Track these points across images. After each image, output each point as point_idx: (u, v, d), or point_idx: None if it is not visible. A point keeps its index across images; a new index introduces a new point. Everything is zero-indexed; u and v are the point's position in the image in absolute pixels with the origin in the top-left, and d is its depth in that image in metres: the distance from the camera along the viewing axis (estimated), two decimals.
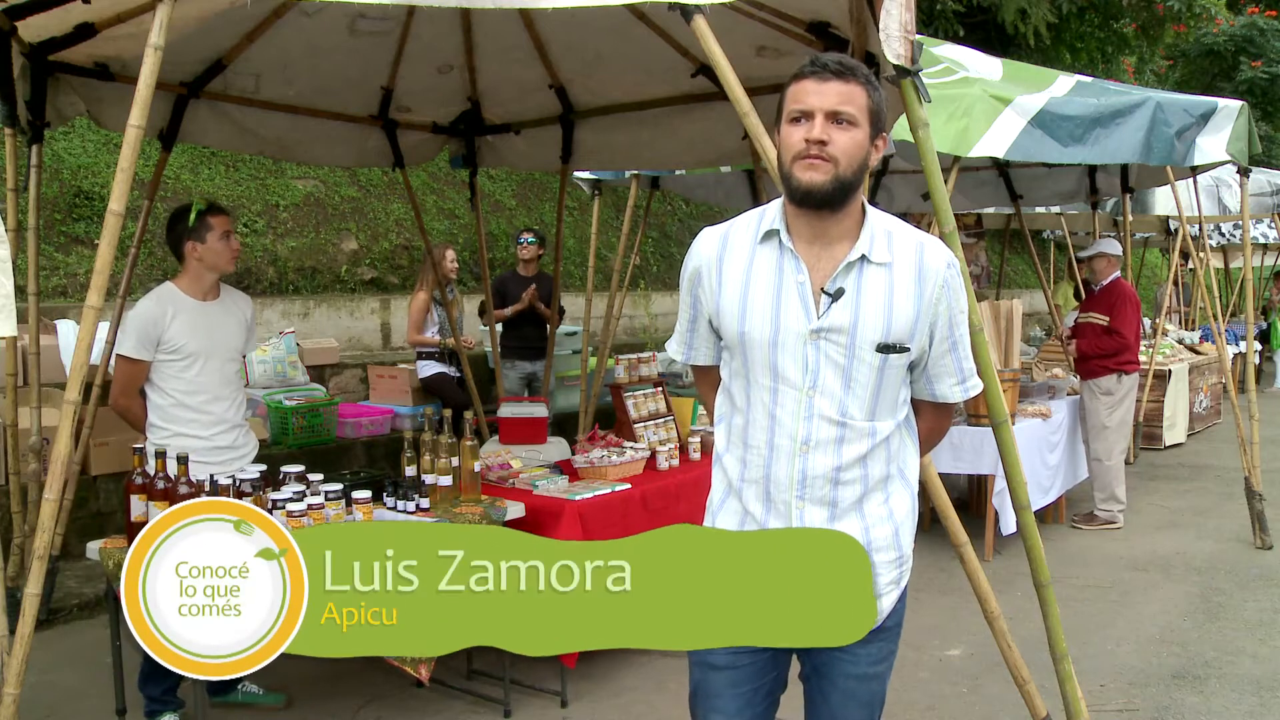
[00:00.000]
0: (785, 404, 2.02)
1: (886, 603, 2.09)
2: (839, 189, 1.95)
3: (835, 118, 1.94)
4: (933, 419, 2.20)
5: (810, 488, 2.03)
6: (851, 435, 2.02)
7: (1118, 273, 6.76)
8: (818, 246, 2.02)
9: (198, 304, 3.71)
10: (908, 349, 2.01)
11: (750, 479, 2.08)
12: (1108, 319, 6.55)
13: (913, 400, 2.16)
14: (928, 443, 2.23)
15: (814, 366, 1.99)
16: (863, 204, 2.05)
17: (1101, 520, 6.57)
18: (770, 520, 2.06)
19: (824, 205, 1.97)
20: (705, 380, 2.29)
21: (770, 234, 2.04)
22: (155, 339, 3.59)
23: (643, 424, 4.86)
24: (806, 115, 1.95)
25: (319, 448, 6.47)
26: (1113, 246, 6.71)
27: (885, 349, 1.99)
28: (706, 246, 2.11)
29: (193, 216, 3.68)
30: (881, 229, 2.03)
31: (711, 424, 2.24)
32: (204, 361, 3.67)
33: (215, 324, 3.73)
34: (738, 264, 2.06)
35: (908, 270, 2.01)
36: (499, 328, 7.06)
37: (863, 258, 2.00)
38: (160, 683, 3.67)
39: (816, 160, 1.93)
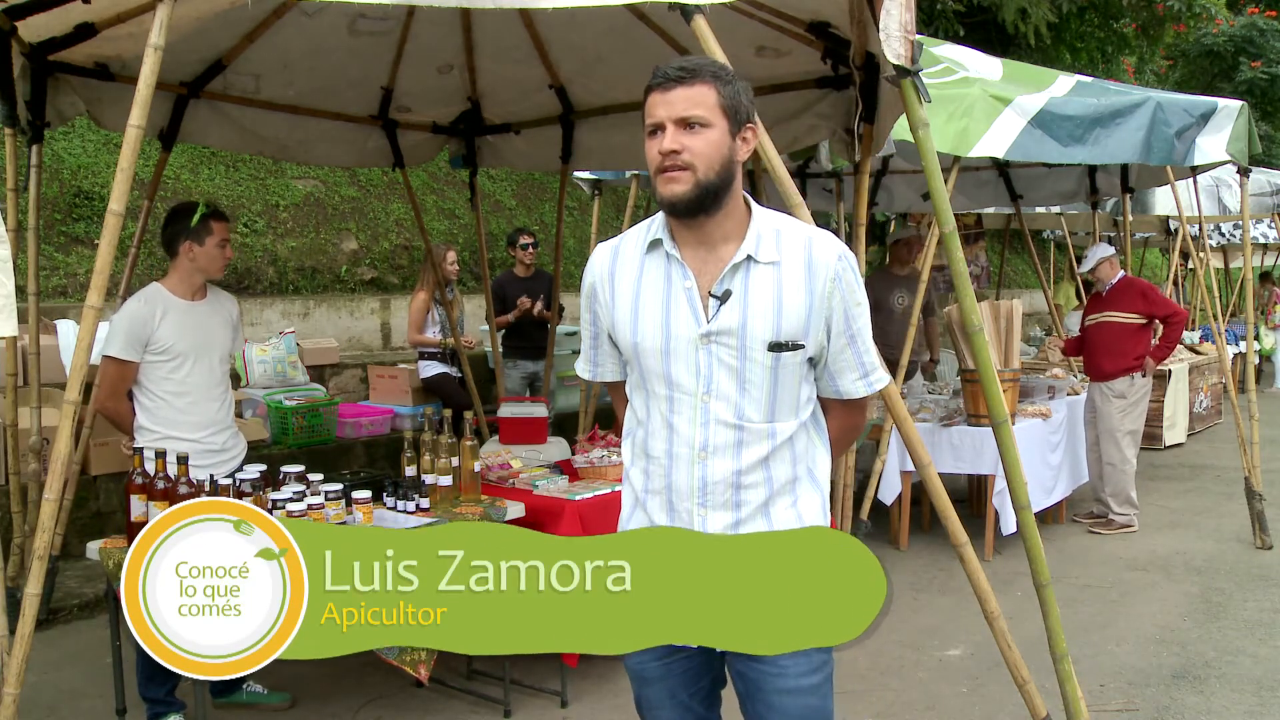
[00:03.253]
0: (681, 411, 2.00)
1: None
2: (702, 194, 1.93)
3: (685, 124, 1.93)
4: (843, 417, 2.17)
5: (711, 494, 2.01)
6: (750, 438, 2.00)
7: (1122, 271, 6.74)
8: (703, 251, 2.00)
9: (186, 304, 3.68)
10: (801, 346, 1.99)
11: (653, 490, 2.06)
12: (1137, 315, 6.45)
13: (822, 400, 2.13)
14: (841, 442, 2.20)
15: (706, 371, 1.98)
16: (746, 202, 2.04)
17: (1119, 525, 6.57)
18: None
19: (694, 213, 1.96)
20: (617, 396, 2.27)
21: (655, 244, 2.03)
22: (144, 339, 3.56)
23: None
24: (659, 128, 1.95)
25: (319, 448, 6.47)
26: (1106, 249, 6.69)
27: (777, 347, 1.97)
28: (599, 262, 2.11)
29: (196, 218, 3.65)
30: (769, 228, 2.02)
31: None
32: (193, 362, 3.64)
33: (204, 324, 3.71)
34: (628, 276, 2.05)
35: (797, 267, 1.99)
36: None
37: (748, 258, 1.98)
38: (161, 684, 3.66)
39: (674, 172, 1.93)
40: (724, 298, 1.97)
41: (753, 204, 2.05)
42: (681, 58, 2.01)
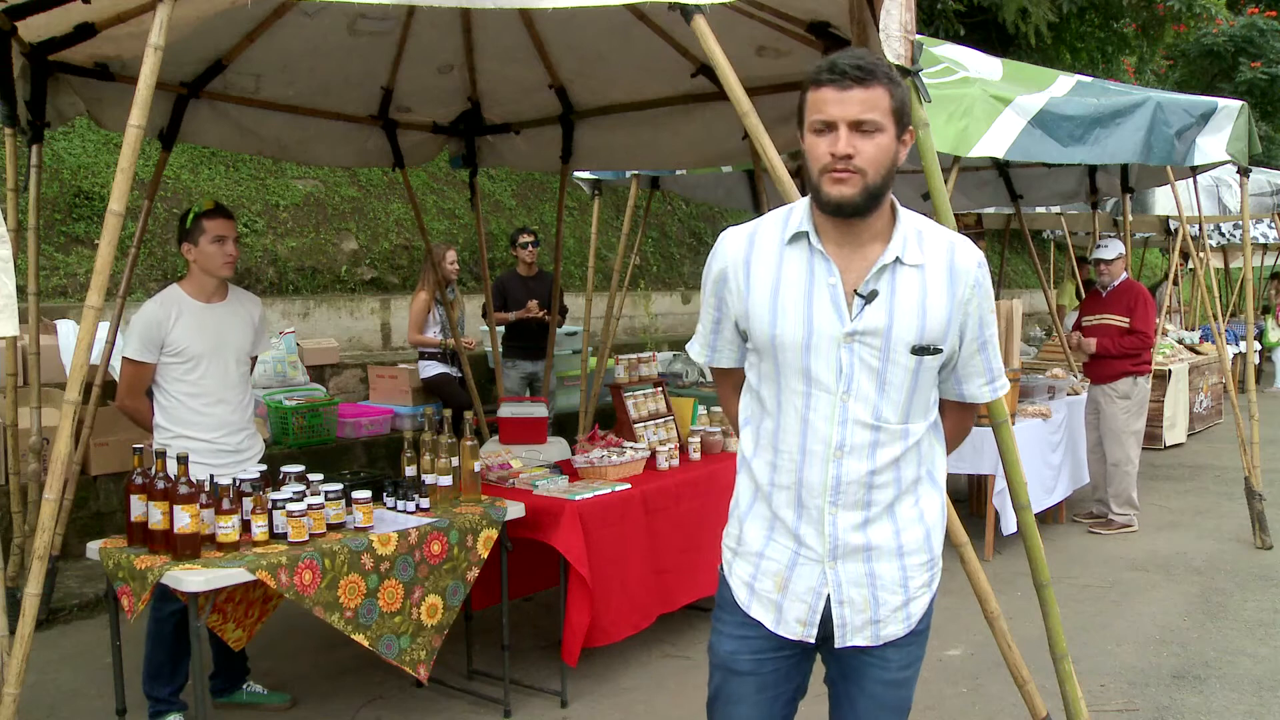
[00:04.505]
0: (818, 408, 1.98)
1: (918, 607, 2.08)
2: (869, 199, 1.92)
3: (859, 126, 1.89)
4: (957, 419, 2.18)
5: (844, 493, 1.99)
6: (886, 439, 1.99)
7: (1127, 273, 6.75)
8: (848, 249, 1.98)
9: (202, 306, 3.69)
10: (940, 350, 1.98)
11: (781, 484, 2.04)
12: (1127, 320, 6.50)
13: (940, 401, 2.13)
14: (953, 443, 2.21)
15: (848, 370, 1.96)
16: (892, 204, 2.02)
17: (1119, 525, 6.58)
18: (801, 526, 2.02)
19: (855, 215, 1.94)
20: (727, 382, 2.25)
21: (799, 236, 2.00)
22: (159, 341, 3.59)
23: (643, 424, 4.86)
24: (829, 126, 1.90)
25: (319, 448, 6.47)
26: (1121, 246, 6.71)
27: (920, 351, 1.96)
28: (733, 248, 2.07)
29: (189, 218, 3.67)
30: (913, 230, 2.00)
31: (732, 427, 2.20)
32: (208, 363, 3.66)
33: (220, 326, 3.71)
34: (766, 266, 2.02)
35: (940, 271, 1.98)
36: (500, 328, 7.06)
37: (896, 260, 1.97)
38: (165, 684, 3.67)
39: (844, 174, 1.89)
40: (870, 298, 1.95)
41: (897, 204, 2.03)
42: (854, 54, 1.93)
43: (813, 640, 2.06)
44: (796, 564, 2.04)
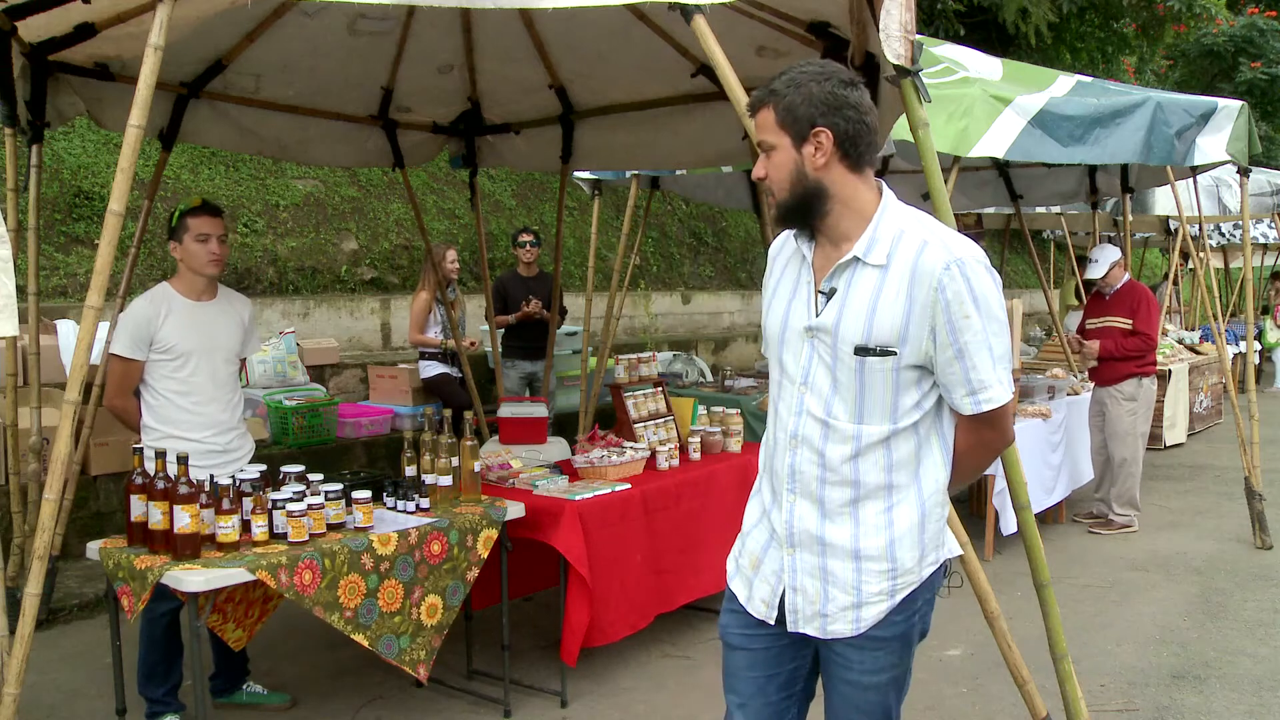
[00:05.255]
0: (785, 398, 2.09)
1: (870, 613, 2.04)
2: (786, 212, 2.05)
3: (762, 149, 2.05)
4: (969, 431, 2.06)
5: (798, 482, 2.07)
6: (835, 436, 2.02)
7: (1128, 274, 6.75)
8: (827, 247, 2.06)
9: (192, 304, 3.68)
10: (893, 352, 1.95)
11: (766, 469, 2.18)
12: (1130, 321, 6.50)
13: (953, 411, 2.06)
14: (969, 456, 2.09)
15: (806, 364, 2.05)
16: (878, 201, 2.01)
17: (1119, 525, 6.58)
18: (773, 509, 2.13)
19: (791, 225, 2.08)
20: None
21: (800, 235, 2.12)
22: (148, 338, 3.57)
23: (643, 424, 4.86)
24: None
25: (319, 448, 6.47)
26: (1115, 251, 6.69)
27: (863, 351, 1.97)
28: (774, 246, 2.23)
29: (175, 216, 3.67)
30: (891, 229, 1.98)
31: None
32: (197, 362, 3.64)
33: (210, 324, 3.70)
34: (780, 262, 2.18)
35: (902, 272, 1.95)
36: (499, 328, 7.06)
37: (855, 259, 1.99)
38: (160, 684, 3.67)
39: (770, 196, 2.06)
40: (829, 295, 2.02)
41: (887, 203, 2.02)
42: (760, 88, 2.07)
43: (772, 621, 2.13)
44: (770, 546, 2.14)
